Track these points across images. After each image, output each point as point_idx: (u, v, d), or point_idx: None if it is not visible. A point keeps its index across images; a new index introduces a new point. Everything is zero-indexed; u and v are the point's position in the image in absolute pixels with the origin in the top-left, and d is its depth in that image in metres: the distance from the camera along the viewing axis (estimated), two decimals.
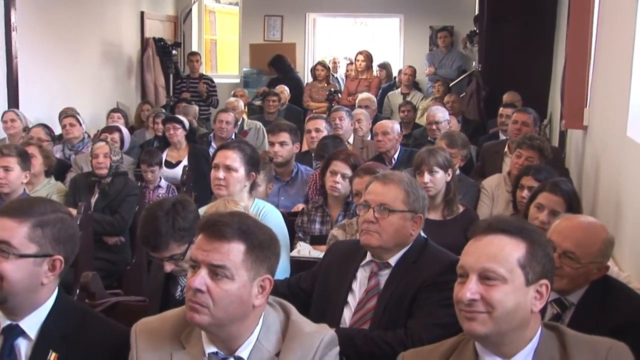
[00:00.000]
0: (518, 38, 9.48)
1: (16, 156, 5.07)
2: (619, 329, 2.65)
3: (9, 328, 2.36)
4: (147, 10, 12.17)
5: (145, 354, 2.26)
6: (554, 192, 3.84)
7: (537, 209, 3.84)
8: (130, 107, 10.83)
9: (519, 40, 9.48)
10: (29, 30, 8.60)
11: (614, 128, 5.05)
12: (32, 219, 2.34)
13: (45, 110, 8.48)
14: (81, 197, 5.75)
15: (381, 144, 6.48)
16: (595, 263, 2.96)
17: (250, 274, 2.18)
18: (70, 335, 2.37)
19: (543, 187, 3.95)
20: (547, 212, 3.79)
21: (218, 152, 4.14)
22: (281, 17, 14.13)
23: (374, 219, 3.06)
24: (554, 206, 3.79)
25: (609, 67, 5.61)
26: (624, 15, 4.90)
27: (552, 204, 3.80)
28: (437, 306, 2.89)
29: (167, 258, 3.16)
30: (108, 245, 5.86)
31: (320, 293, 3.22)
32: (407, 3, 13.38)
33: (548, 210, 3.79)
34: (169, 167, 7.24)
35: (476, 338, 2.17)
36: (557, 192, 3.83)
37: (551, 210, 3.78)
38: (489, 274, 2.10)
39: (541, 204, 3.83)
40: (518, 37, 9.48)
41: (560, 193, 3.83)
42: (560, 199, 3.81)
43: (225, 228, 2.18)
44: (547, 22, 9.59)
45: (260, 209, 4.05)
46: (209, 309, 2.14)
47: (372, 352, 2.88)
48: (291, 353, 2.21)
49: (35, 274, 2.34)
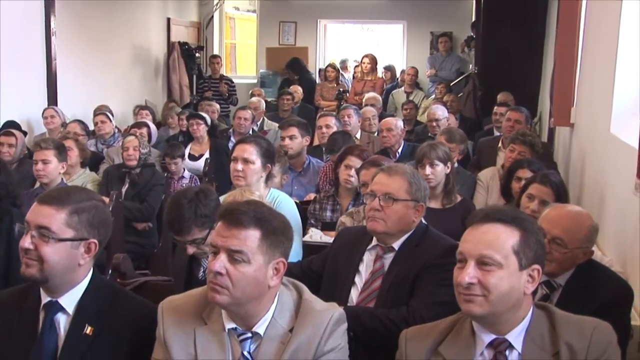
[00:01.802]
0: (511, 43, 9.49)
1: (53, 149, 5.07)
2: (602, 308, 2.65)
3: (49, 304, 2.37)
4: (173, 16, 12.18)
5: (171, 328, 2.26)
6: (543, 183, 3.82)
7: (528, 199, 3.83)
8: (157, 104, 10.85)
9: (512, 45, 9.49)
10: (67, 35, 8.64)
11: (599, 126, 5.03)
12: (69, 206, 2.34)
13: (81, 107, 8.50)
14: (113, 187, 5.76)
15: (386, 139, 6.49)
16: (581, 248, 2.96)
17: (265, 258, 2.17)
18: (104, 311, 2.38)
19: (534, 179, 3.93)
20: (538, 201, 3.77)
21: (237, 146, 4.13)
22: (295, 23, 14.12)
23: (380, 207, 3.06)
24: (543, 196, 3.77)
25: (594, 70, 5.59)
26: (608, 23, 4.88)
27: (542, 194, 3.79)
28: (436, 286, 2.88)
29: (190, 241, 3.17)
30: (137, 230, 5.88)
31: (330, 274, 3.22)
32: (410, 10, 13.35)
33: (538, 200, 3.77)
34: (192, 160, 7.26)
35: (473, 318, 2.16)
36: (547, 184, 3.81)
37: (541, 200, 3.76)
38: (486, 260, 2.09)
39: (532, 194, 3.82)
40: (511, 42, 9.49)
41: (550, 184, 3.81)
42: (549, 190, 3.79)
43: (242, 216, 2.17)
44: (537, 29, 9.59)
45: (275, 198, 4.05)
46: (228, 289, 2.14)
47: (377, 328, 2.88)
48: (304, 329, 2.21)
49: (73, 256, 2.35)
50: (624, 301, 2.98)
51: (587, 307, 2.51)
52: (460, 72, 11.99)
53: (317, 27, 14.29)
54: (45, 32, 8.24)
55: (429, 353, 2.20)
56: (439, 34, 12.82)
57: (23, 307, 2.41)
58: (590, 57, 5.87)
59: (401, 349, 2.26)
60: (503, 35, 9.53)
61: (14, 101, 7.61)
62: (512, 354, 2.13)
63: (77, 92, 8.84)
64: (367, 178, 3.94)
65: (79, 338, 2.33)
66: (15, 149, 6.07)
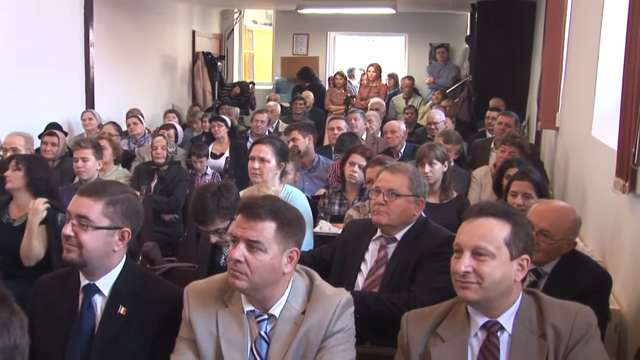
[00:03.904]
0: (502, 54, 9.46)
1: (91, 148, 5.08)
2: (584, 294, 2.64)
3: (87, 287, 2.38)
4: (198, 29, 12.19)
5: (196, 310, 2.26)
6: (521, 178, 3.79)
7: (512, 196, 3.78)
8: (182, 108, 10.87)
9: (503, 55, 9.46)
10: (103, 46, 8.69)
11: (581, 129, 5.01)
12: (105, 198, 2.35)
13: (115, 110, 8.52)
14: (143, 182, 5.78)
15: (390, 140, 6.47)
16: (565, 240, 2.95)
17: (280, 247, 2.16)
18: (136, 293, 2.38)
19: (513, 177, 3.90)
20: (521, 196, 3.74)
21: (254, 146, 4.13)
22: (307, 35, 14.13)
23: (384, 202, 3.05)
24: (524, 190, 3.73)
25: (577, 78, 5.57)
26: (590, 36, 4.87)
27: (522, 188, 3.75)
28: (435, 273, 2.87)
29: (212, 231, 3.17)
30: (165, 221, 5.89)
31: (338, 262, 3.21)
32: (411, 24, 13.34)
33: (521, 195, 3.74)
34: (214, 158, 7.26)
35: (468, 303, 2.15)
36: (524, 178, 3.78)
37: (524, 194, 3.73)
38: (480, 250, 2.08)
39: (514, 191, 3.78)
40: (502, 53, 9.46)
41: (527, 178, 3.77)
42: (528, 183, 3.75)
43: (260, 209, 2.16)
44: (525, 41, 9.56)
45: (289, 193, 4.04)
46: (247, 275, 2.14)
47: (381, 311, 2.87)
48: (315, 311, 2.20)
49: (108, 243, 2.35)
50: (604, 288, 2.97)
51: (571, 292, 2.49)
52: (456, 80, 11.97)
53: (327, 38, 14.29)
54: (84, 43, 8.32)
55: (428, 334, 2.19)
56: (437, 45, 12.80)
57: (65, 289, 2.42)
58: (574, 67, 5.85)
59: (402, 330, 2.25)
60: (495, 47, 9.51)
61: (56, 105, 7.71)
62: (503, 334, 2.12)
63: (112, 96, 8.87)
64: (372, 175, 3.93)
65: (114, 317, 2.34)
66: (57, 147, 6.10)
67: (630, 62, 3.22)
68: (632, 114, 3.15)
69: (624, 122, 3.26)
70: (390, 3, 11.33)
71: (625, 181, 3.25)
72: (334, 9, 12.94)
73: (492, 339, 2.12)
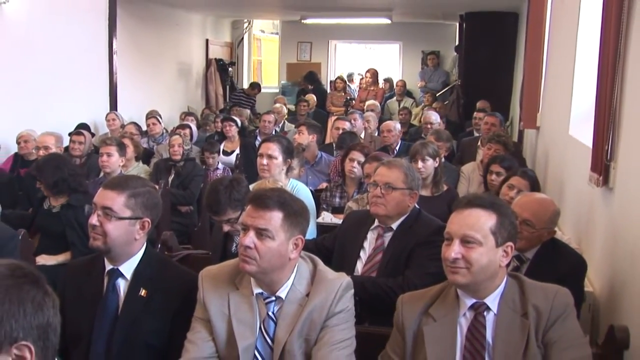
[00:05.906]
0: (488, 60, 9.49)
1: (115, 145, 5.11)
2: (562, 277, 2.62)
3: (112, 271, 2.38)
4: (211, 38, 12.17)
5: (209, 292, 2.26)
6: (523, 177, 3.79)
7: (509, 188, 3.77)
8: (197, 109, 10.87)
9: (488, 62, 9.49)
10: (125, 53, 8.71)
11: (560, 128, 5.00)
12: (127, 190, 2.35)
13: (136, 112, 8.52)
14: (161, 176, 5.79)
15: (386, 139, 6.46)
16: (546, 229, 2.95)
17: (287, 235, 2.16)
18: (155, 277, 2.38)
19: (515, 172, 3.89)
20: (516, 191, 3.74)
21: (262, 144, 4.11)
22: (310, 43, 14.14)
23: (381, 195, 3.05)
24: (521, 187, 3.72)
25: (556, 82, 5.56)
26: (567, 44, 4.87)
27: (520, 185, 3.74)
28: (427, 259, 2.86)
29: (225, 221, 3.16)
30: (181, 212, 5.89)
31: (339, 249, 3.21)
32: (405, 33, 13.38)
33: (517, 190, 3.74)
34: (225, 155, 7.25)
35: (458, 286, 2.15)
36: (525, 177, 3.78)
37: (519, 190, 3.73)
38: (468, 238, 2.08)
39: (513, 184, 3.77)
40: (488, 60, 9.48)
41: (527, 178, 3.78)
42: (526, 182, 3.75)
43: (268, 200, 2.16)
44: (509, 49, 9.59)
45: (294, 187, 4.03)
46: (256, 260, 2.14)
47: (378, 294, 2.87)
48: (318, 294, 2.20)
49: (130, 231, 2.35)
50: (579, 272, 2.97)
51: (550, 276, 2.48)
52: (445, 84, 11.97)
53: (328, 46, 14.30)
54: (108, 52, 8.36)
55: (421, 314, 2.19)
56: (428, 52, 12.80)
57: (91, 273, 2.42)
58: (553, 72, 5.84)
59: (398, 311, 2.25)
60: (481, 54, 9.52)
61: (84, 107, 7.79)
62: (489, 314, 2.13)
63: (133, 99, 8.88)
64: (370, 170, 3.93)
65: (136, 299, 2.34)
66: (84, 145, 6.10)
67: (604, 67, 3.21)
68: (605, 115, 3.15)
69: (598, 122, 3.26)
70: (386, 14, 11.32)
71: (599, 175, 3.25)
72: (335, 19, 12.93)
73: (479, 318, 2.13)
